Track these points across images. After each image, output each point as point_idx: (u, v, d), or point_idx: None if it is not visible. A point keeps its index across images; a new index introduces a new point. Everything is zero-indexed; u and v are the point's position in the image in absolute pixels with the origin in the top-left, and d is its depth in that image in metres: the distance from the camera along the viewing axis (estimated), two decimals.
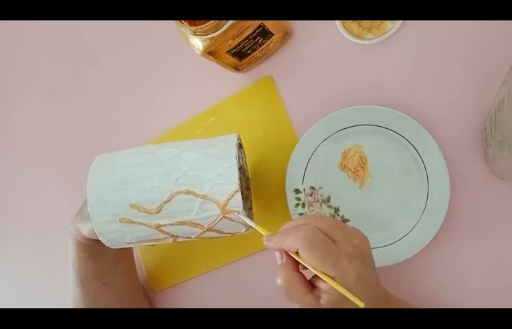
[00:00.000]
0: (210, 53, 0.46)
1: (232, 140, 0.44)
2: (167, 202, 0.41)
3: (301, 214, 0.51)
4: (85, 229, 0.46)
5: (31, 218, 0.71)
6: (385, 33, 0.49)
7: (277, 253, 0.38)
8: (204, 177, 0.41)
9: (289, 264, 0.36)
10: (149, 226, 0.43)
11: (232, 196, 0.41)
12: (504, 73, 0.37)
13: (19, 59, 0.74)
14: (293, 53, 0.55)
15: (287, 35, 0.53)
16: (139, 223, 0.42)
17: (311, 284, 0.36)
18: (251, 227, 0.44)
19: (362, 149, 0.50)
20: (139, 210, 0.42)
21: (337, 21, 0.51)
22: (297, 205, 0.52)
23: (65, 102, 0.69)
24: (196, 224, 0.42)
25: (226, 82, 0.57)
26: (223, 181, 0.41)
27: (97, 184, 0.43)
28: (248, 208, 0.49)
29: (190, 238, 0.45)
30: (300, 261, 0.35)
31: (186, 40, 0.46)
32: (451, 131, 0.47)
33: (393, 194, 0.49)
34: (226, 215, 0.42)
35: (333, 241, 0.35)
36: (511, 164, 0.39)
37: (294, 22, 0.54)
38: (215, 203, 0.41)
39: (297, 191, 0.52)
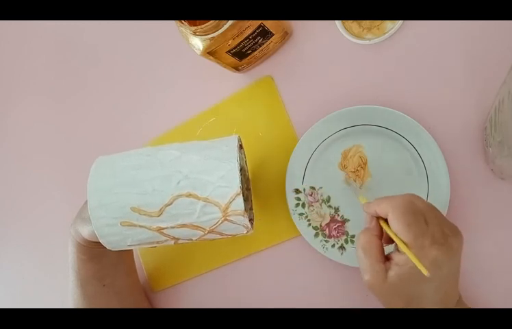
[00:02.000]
0: (210, 53, 0.46)
1: (233, 142, 0.44)
2: (168, 205, 0.41)
3: (301, 214, 0.51)
4: (85, 232, 0.46)
5: (31, 218, 0.71)
6: (385, 33, 0.49)
7: (367, 217, 0.39)
8: (205, 180, 0.41)
9: (374, 230, 0.38)
10: (150, 229, 0.42)
11: (233, 199, 0.41)
12: (504, 73, 0.37)
13: (19, 59, 0.74)
14: (293, 53, 0.55)
15: (287, 35, 0.53)
16: (140, 226, 0.42)
17: (387, 258, 0.37)
18: (251, 229, 0.44)
19: (362, 149, 0.50)
20: (140, 213, 0.42)
21: (337, 21, 0.51)
22: (297, 205, 0.52)
23: (65, 102, 0.69)
24: (198, 227, 0.42)
25: (226, 82, 0.57)
26: (225, 184, 0.41)
27: (97, 187, 0.43)
28: (248, 208, 0.49)
29: (191, 240, 0.45)
30: (386, 229, 0.36)
31: (186, 40, 0.46)
32: (451, 131, 0.47)
33: (393, 194, 0.49)
34: (227, 218, 0.42)
35: (426, 221, 0.35)
36: (511, 164, 0.39)
37: (294, 22, 0.54)
38: (216, 206, 0.41)
39: (297, 191, 0.52)
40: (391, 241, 0.38)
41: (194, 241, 0.45)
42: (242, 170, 0.49)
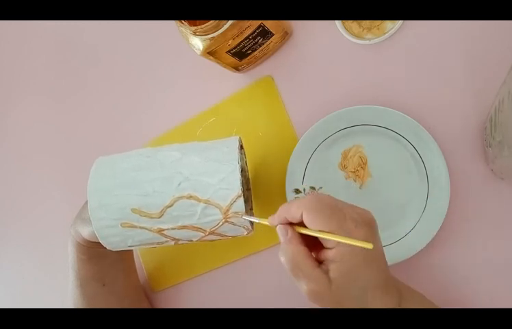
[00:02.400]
0: (210, 53, 0.46)
1: (233, 144, 0.44)
2: (169, 207, 0.41)
3: None
4: (85, 232, 0.46)
5: (31, 218, 0.71)
6: (385, 33, 0.49)
7: (280, 231, 0.36)
8: (206, 182, 0.41)
9: (295, 238, 0.35)
10: (151, 230, 0.42)
11: (234, 201, 0.41)
12: (504, 73, 0.37)
13: (19, 59, 0.74)
14: (293, 53, 0.55)
15: (287, 35, 0.53)
16: (141, 228, 0.42)
17: (318, 261, 0.35)
18: (251, 230, 0.44)
19: (362, 149, 0.50)
20: (141, 215, 0.42)
21: (337, 21, 0.51)
22: None
23: (65, 102, 0.69)
24: (198, 228, 0.42)
25: (226, 82, 0.57)
26: (225, 186, 0.41)
27: (98, 188, 0.43)
28: (249, 209, 0.49)
29: (192, 241, 0.45)
30: (305, 231, 0.34)
31: (186, 40, 0.46)
32: (451, 131, 0.47)
33: (393, 194, 0.49)
34: (228, 219, 0.42)
35: (340, 210, 0.34)
36: (511, 164, 0.39)
37: (294, 22, 0.54)
38: (217, 207, 0.41)
39: (297, 191, 0.52)
40: (312, 247, 0.36)
41: (195, 242, 0.45)
42: (243, 171, 0.49)
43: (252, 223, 0.44)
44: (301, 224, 0.35)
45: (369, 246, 0.31)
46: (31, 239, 0.70)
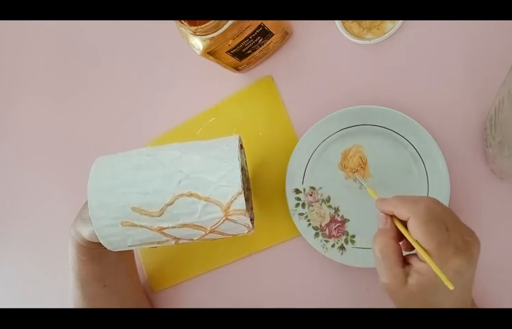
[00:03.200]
0: (210, 53, 0.46)
1: (233, 142, 0.44)
2: (169, 205, 0.41)
3: (301, 214, 0.51)
4: (85, 232, 0.46)
5: (32, 218, 0.71)
6: (385, 33, 0.49)
7: (382, 217, 0.37)
8: (207, 180, 0.41)
9: (390, 232, 0.36)
10: (151, 229, 0.42)
11: (235, 198, 0.41)
12: (504, 73, 0.37)
13: (19, 60, 0.74)
14: (293, 53, 0.55)
15: (287, 35, 0.53)
16: (141, 226, 0.42)
17: (405, 260, 0.35)
18: (252, 229, 0.44)
19: (362, 149, 0.50)
20: (141, 213, 0.42)
21: (337, 21, 0.51)
22: (297, 205, 0.52)
23: (65, 102, 0.69)
24: (199, 226, 0.42)
25: (226, 82, 0.57)
26: (226, 184, 0.41)
27: (98, 187, 0.43)
28: (249, 208, 0.49)
29: (192, 240, 0.44)
30: (404, 233, 0.35)
31: (186, 40, 0.46)
32: (451, 131, 0.47)
33: (393, 194, 0.48)
34: (229, 217, 0.42)
35: (447, 228, 0.34)
36: (511, 164, 0.39)
37: (294, 22, 0.54)
38: (218, 205, 0.41)
39: (297, 191, 0.52)
40: (410, 247, 0.36)
41: (195, 241, 0.45)
42: (243, 170, 0.49)
43: (252, 221, 0.44)
44: (405, 223, 0.35)
45: (450, 286, 0.31)
46: (32, 239, 0.70)
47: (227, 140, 0.45)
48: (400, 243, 0.36)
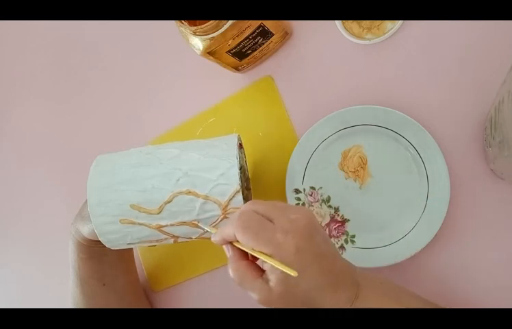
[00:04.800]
0: (210, 53, 0.46)
1: (232, 140, 0.44)
2: (168, 202, 0.41)
3: None
4: (85, 230, 0.46)
5: (32, 218, 0.71)
6: (385, 33, 0.49)
7: (224, 249, 0.38)
8: (205, 178, 0.41)
9: (236, 254, 0.36)
10: (150, 227, 0.43)
11: (233, 196, 0.41)
12: (504, 73, 0.37)
13: (19, 60, 0.74)
14: (293, 53, 0.55)
15: (287, 35, 0.53)
16: (140, 224, 0.42)
17: (262, 269, 0.36)
18: None
19: (362, 149, 0.50)
20: (140, 211, 0.42)
21: (337, 21, 0.51)
22: (297, 205, 0.52)
23: (65, 103, 0.69)
24: (197, 225, 0.42)
25: (226, 82, 0.57)
26: (224, 182, 0.41)
27: (97, 185, 0.43)
28: None
29: (191, 238, 0.45)
30: (241, 247, 0.35)
31: (186, 40, 0.46)
32: (451, 131, 0.47)
33: (393, 194, 0.49)
34: (227, 215, 0.42)
35: (270, 221, 0.34)
36: (511, 164, 0.39)
37: (294, 22, 0.54)
38: (216, 203, 0.41)
39: (297, 191, 0.52)
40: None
41: (194, 239, 0.45)
42: (242, 169, 0.49)
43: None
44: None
45: (292, 272, 0.31)
46: (32, 239, 0.70)
47: (226, 138, 0.45)
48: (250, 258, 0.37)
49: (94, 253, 0.49)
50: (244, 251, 0.36)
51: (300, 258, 0.33)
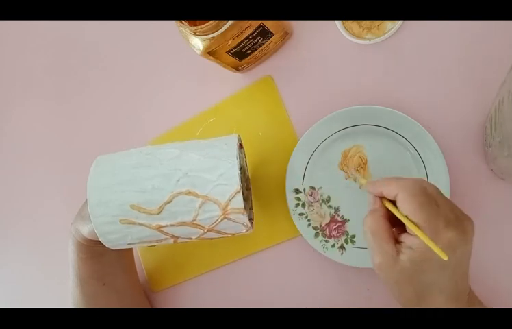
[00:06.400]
0: (210, 53, 0.46)
1: (232, 141, 0.44)
2: (168, 203, 0.41)
3: (301, 214, 0.51)
4: (85, 230, 0.46)
5: (32, 218, 0.70)
6: (385, 33, 0.49)
7: (371, 198, 0.38)
8: (205, 178, 0.41)
9: (379, 211, 0.36)
10: (150, 227, 0.43)
11: (233, 196, 0.41)
12: (504, 73, 0.37)
13: (19, 60, 0.74)
14: (293, 53, 0.55)
15: (287, 35, 0.53)
16: (140, 224, 0.42)
17: (396, 239, 0.35)
18: (251, 228, 0.44)
19: (362, 149, 0.50)
20: (139, 211, 0.42)
21: (337, 21, 0.51)
22: (297, 205, 0.52)
23: (65, 103, 0.69)
24: (197, 225, 0.43)
25: (226, 82, 0.57)
26: (224, 182, 0.41)
27: (97, 185, 0.43)
28: (248, 208, 0.49)
29: (191, 239, 0.45)
30: (393, 211, 0.35)
31: (186, 40, 0.46)
32: (451, 131, 0.47)
33: None
34: (227, 216, 0.42)
35: (437, 204, 0.34)
36: (511, 164, 0.39)
37: (294, 22, 0.54)
38: (216, 203, 0.41)
39: (297, 191, 0.52)
40: (397, 225, 0.36)
41: (194, 240, 0.45)
42: (242, 169, 0.49)
43: (251, 221, 0.44)
44: (394, 203, 0.35)
45: (444, 256, 0.31)
46: (32, 239, 0.70)
47: (226, 139, 0.45)
48: (394, 229, 0.36)
49: (94, 253, 0.49)
50: (387, 213, 0.36)
51: (448, 253, 0.32)
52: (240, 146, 0.50)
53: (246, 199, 0.49)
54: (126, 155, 0.45)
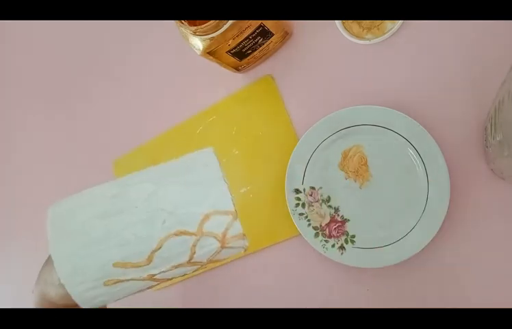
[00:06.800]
0: (210, 53, 0.46)
1: (211, 159, 0.38)
2: (157, 250, 0.36)
3: (301, 214, 0.51)
4: (55, 296, 0.38)
5: (32, 218, 0.71)
6: (385, 33, 0.49)
7: None
8: (194, 212, 0.36)
9: None
10: (142, 279, 0.37)
11: (231, 225, 0.36)
12: (504, 73, 0.37)
13: (19, 60, 0.74)
14: (293, 53, 0.55)
15: (287, 35, 0.53)
16: (128, 280, 0.37)
17: None
18: (247, 246, 0.39)
19: (362, 149, 0.50)
20: (126, 267, 0.36)
21: (337, 21, 0.51)
22: (297, 205, 0.52)
23: (65, 103, 0.69)
24: (195, 263, 0.38)
25: (226, 82, 0.57)
26: (218, 212, 0.36)
27: (65, 251, 0.36)
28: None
29: (186, 274, 0.40)
30: None
31: (186, 40, 0.46)
32: (451, 131, 0.47)
33: (393, 194, 0.49)
34: (226, 245, 0.37)
35: None
36: (511, 164, 0.39)
37: (294, 22, 0.54)
38: (213, 236, 0.36)
39: (297, 191, 0.52)
40: None
41: (191, 275, 0.41)
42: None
43: (244, 235, 0.39)
44: None
45: None
46: (32, 239, 0.70)
47: (202, 157, 0.39)
48: None
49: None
50: None
51: None
52: None
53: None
54: (87, 202, 0.37)
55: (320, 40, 0.53)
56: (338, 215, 0.51)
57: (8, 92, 0.75)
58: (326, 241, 0.50)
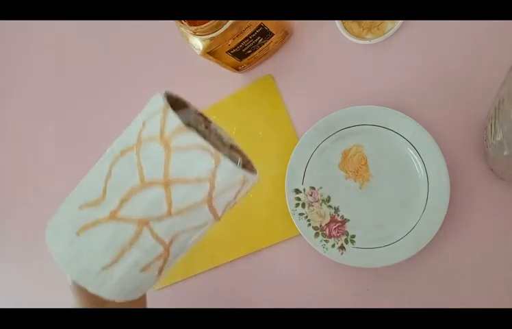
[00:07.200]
0: (210, 53, 0.46)
1: (155, 96, 0.37)
2: (108, 179, 0.34)
3: (301, 214, 0.51)
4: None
5: (32, 218, 0.71)
6: (385, 33, 0.49)
7: None
8: (131, 130, 0.36)
9: None
10: (105, 220, 0.34)
11: (166, 118, 0.32)
12: (504, 73, 0.37)
13: (19, 60, 0.74)
14: (293, 53, 0.55)
15: (287, 35, 0.53)
16: (95, 225, 0.34)
17: None
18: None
19: (362, 149, 0.50)
20: (88, 206, 0.34)
21: (337, 21, 0.51)
22: (297, 205, 0.52)
23: (65, 102, 0.69)
24: (148, 183, 0.32)
25: (226, 82, 0.57)
26: (149, 116, 0.35)
27: (51, 223, 0.37)
28: (240, 165, 0.43)
29: (163, 215, 0.33)
30: None
31: (186, 40, 0.46)
32: (451, 131, 0.47)
33: (393, 194, 0.49)
34: (169, 144, 0.32)
35: None
36: (511, 164, 0.39)
37: (294, 22, 0.54)
38: (152, 140, 0.33)
39: (297, 191, 0.52)
40: None
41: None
42: (202, 132, 0.43)
43: (243, 166, 0.36)
44: None
45: None
46: (32, 240, 0.70)
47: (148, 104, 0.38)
48: None
49: None
50: None
51: None
52: (184, 105, 0.42)
53: (233, 159, 0.43)
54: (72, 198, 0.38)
55: (320, 40, 0.53)
56: (338, 215, 0.51)
57: (9, 93, 0.75)
58: (326, 241, 0.50)
